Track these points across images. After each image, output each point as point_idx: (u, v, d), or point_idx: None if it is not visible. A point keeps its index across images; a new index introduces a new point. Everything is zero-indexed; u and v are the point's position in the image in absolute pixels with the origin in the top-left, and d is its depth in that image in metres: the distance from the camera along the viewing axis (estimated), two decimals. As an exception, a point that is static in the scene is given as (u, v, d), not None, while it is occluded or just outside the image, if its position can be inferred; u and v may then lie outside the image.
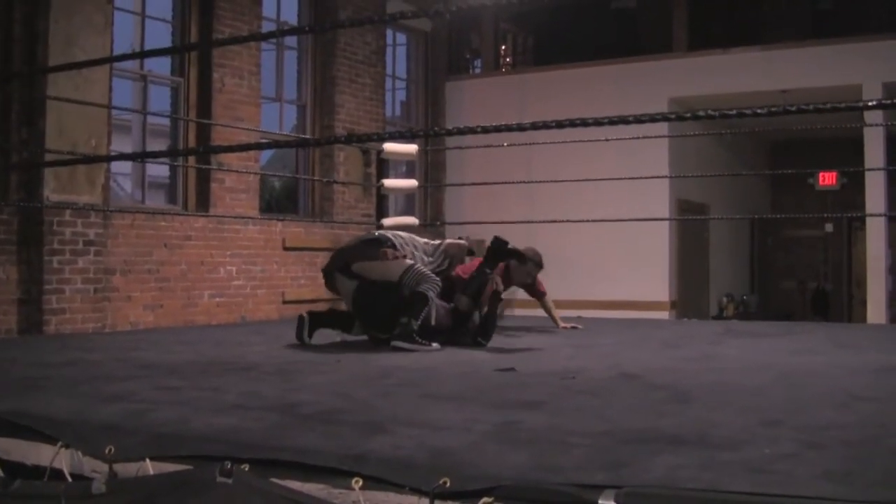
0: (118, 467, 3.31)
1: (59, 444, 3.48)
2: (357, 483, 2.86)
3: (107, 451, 3.34)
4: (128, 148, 10.84)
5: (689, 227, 14.47)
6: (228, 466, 3.01)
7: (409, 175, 13.89)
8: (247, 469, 3.02)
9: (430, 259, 7.26)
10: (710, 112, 2.93)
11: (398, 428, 3.55)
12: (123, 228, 9.72)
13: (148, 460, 3.27)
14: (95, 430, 3.58)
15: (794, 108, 2.83)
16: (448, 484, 2.74)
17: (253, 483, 2.97)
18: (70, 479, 3.37)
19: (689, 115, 3.04)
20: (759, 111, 2.83)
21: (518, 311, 13.38)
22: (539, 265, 8.18)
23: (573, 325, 8.81)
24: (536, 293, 8.77)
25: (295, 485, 2.96)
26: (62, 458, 3.44)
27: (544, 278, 8.79)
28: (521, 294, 13.98)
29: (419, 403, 4.30)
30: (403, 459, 3.03)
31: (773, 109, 2.86)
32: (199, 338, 7.68)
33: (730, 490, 2.57)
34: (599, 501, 2.59)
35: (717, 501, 2.54)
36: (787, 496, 2.52)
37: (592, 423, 3.70)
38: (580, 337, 7.92)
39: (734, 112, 2.90)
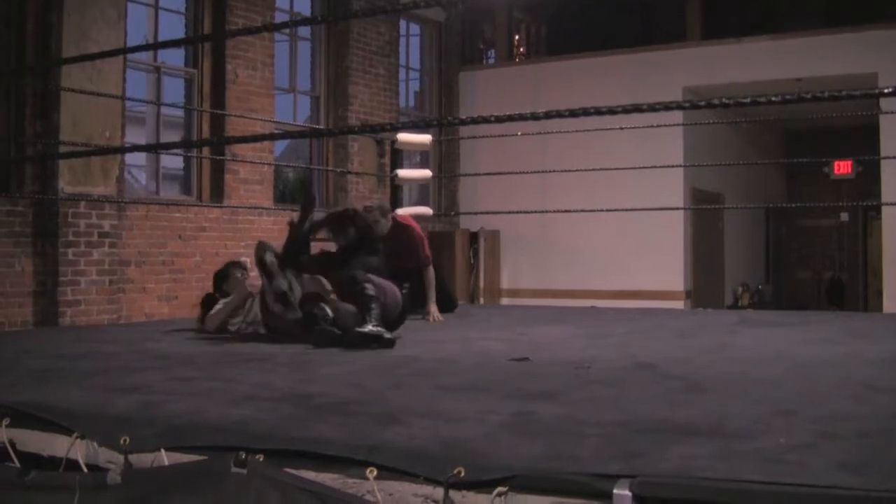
0: (133, 458, 3.32)
1: (75, 435, 3.50)
2: (371, 473, 2.87)
3: (122, 441, 3.35)
4: (142, 140, 10.85)
5: (704, 216, 14.43)
6: (243, 457, 3.01)
7: (422, 165, 13.89)
8: (261, 459, 3.03)
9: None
10: (724, 100, 2.91)
11: (412, 418, 3.55)
12: (138, 220, 9.74)
13: (163, 451, 3.28)
14: (111, 422, 3.59)
15: (809, 96, 2.82)
16: (463, 474, 2.75)
17: (267, 473, 2.98)
18: (85, 470, 3.39)
19: (703, 103, 3.03)
20: (774, 99, 2.82)
21: (525, 300, 13.39)
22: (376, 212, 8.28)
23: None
24: (420, 260, 8.56)
25: (309, 475, 2.97)
26: (78, 449, 3.45)
27: (559, 266, 8.76)
28: (527, 283, 14.06)
29: (433, 394, 4.30)
30: (418, 449, 3.03)
31: (788, 97, 2.84)
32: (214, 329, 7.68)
33: (744, 480, 2.57)
34: (614, 491, 2.59)
35: (732, 491, 2.53)
36: (801, 486, 2.52)
37: (607, 413, 3.69)
38: (594, 327, 7.90)
39: (749, 100, 2.89)
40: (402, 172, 11.01)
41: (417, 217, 11.57)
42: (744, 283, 16.44)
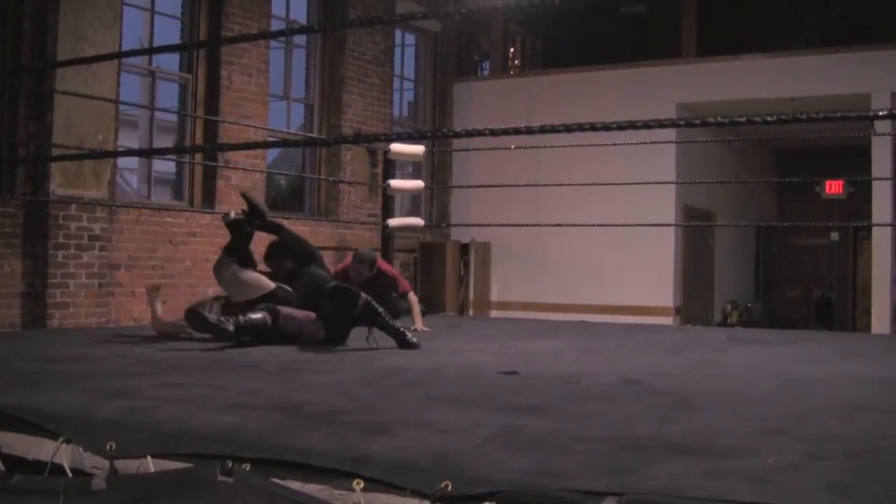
0: (119, 464, 3.30)
1: (61, 439, 3.48)
2: (358, 485, 2.85)
3: (108, 447, 3.33)
4: (135, 143, 10.84)
5: (695, 233, 14.45)
6: (229, 465, 3.00)
7: (415, 176, 13.89)
8: (248, 468, 3.02)
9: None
10: (720, 119, 2.91)
11: (400, 429, 3.54)
12: (129, 224, 9.72)
13: (149, 458, 3.26)
14: (97, 426, 3.57)
15: (804, 117, 2.82)
16: (450, 487, 2.73)
17: (253, 482, 2.96)
18: (70, 475, 3.37)
19: (698, 120, 3.03)
20: (769, 119, 2.82)
21: (515, 313, 13.38)
22: (362, 262, 8.48)
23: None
24: (397, 292, 8.85)
25: (296, 485, 2.96)
26: (63, 454, 3.43)
27: (550, 280, 8.78)
28: (516, 296, 14.06)
29: (422, 405, 4.29)
30: (405, 461, 3.02)
31: (783, 117, 2.85)
32: (202, 335, 7.65)
33: (734, 500, 2.56)
34: (602, 508, 2.58)
35: (721, 511, 2.53)
36: (790, 507, 2.51)
37: (595, 429, 3.68)
38: (584, 341, 7.90)
39: (744, 119, 2.89)
40: (395, 183, 11.00)
41: (409, 228, 11.59)
42: (733, 300, 16.47)
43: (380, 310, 7.04)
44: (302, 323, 7.13)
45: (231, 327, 6.73)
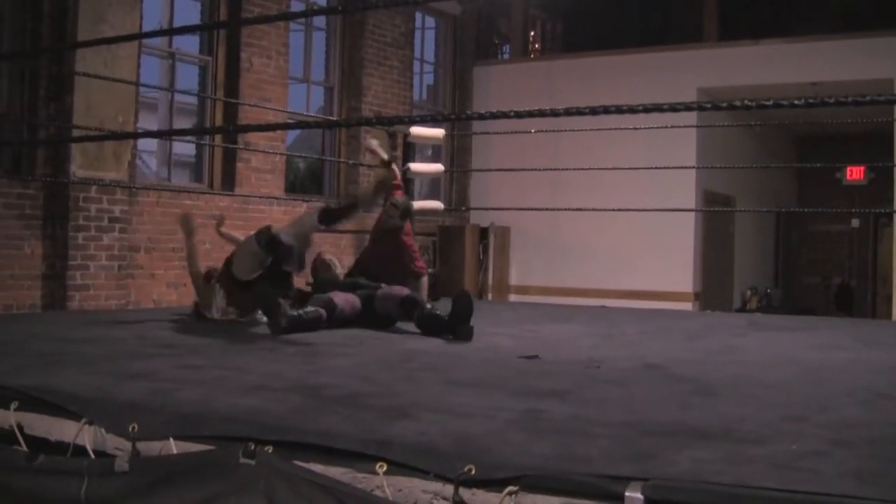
0: (141, 446, 3.31)
1: (83, 420, 3.48)
2: (381, 468, 2.85)
3: (130, 429, 3.33)
4: (154, 126, 10.87)
5: (715, 218, 14.41)
6: (252, 448, 3.00)
7: (434, 159, 13.87)
8: (270, 451, 3.02)
9: None
10: (746, 102, 2.88)
11: (422, 413, 3.54)
12: (148, 206, 9.74)
13: (171, 439, 3.27)
14: (119, 408, 3.57)
15: (832, 101, 2.79)
16: (473, 471, 2.73)
17: (276, 465, 2.96)
18: (93, 456, 3.38)
19: (724, 104, 3.00)
20: (796, 102, 2.79)
21: (533, 298, 13.37)
22: (396, 206, 8.13)
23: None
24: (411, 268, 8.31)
25: (318, 468, 2.95)
26: (86, 435, 3.44)
27: (569, 265, 8.72)
28: (535, 280, 14.05)
29: (443, 389, 4.28)
30: (428, 445, 3.01)
31: (810, 101, 2.82)
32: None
33: (758, 486, 2.55)
34: (626, 493, 2.56)
35: (745, 497, 2.51)
36: (815, 493, 2.49)
37: (617, 414, 3.67)
38: (603, 326, 7.88)
39: (770, 102, 2.86)
40: (415, 166, 10.98)
41: (428, 211, 11.58)
42: (752, 286, 16.41)
43: (422, 301, 6.89)
44: (349, 314, 6.88)
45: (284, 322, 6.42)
